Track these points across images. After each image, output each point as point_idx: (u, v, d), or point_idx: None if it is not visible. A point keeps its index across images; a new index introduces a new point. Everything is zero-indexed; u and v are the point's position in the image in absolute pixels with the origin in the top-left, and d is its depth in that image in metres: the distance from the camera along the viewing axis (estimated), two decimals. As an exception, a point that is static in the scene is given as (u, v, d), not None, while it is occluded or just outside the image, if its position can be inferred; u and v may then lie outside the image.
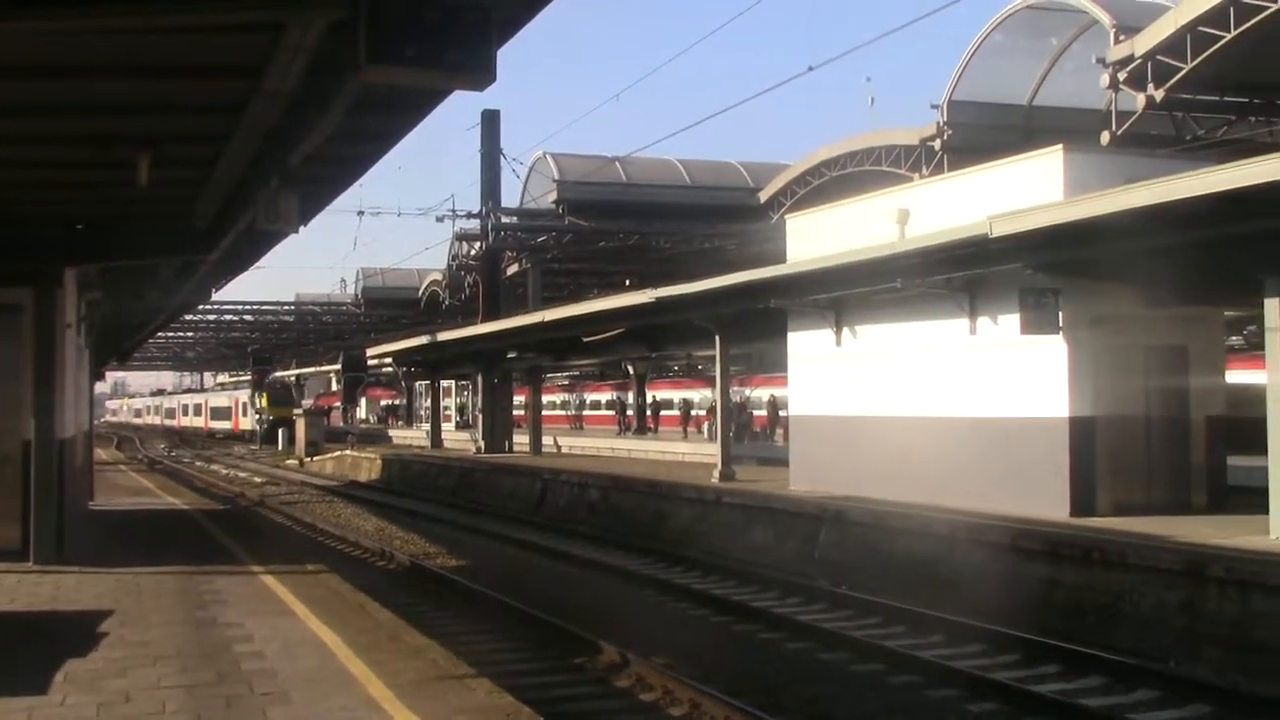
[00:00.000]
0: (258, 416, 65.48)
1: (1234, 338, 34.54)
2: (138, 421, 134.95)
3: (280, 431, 66.20)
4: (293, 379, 75.28)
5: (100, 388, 68.07)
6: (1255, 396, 15.60)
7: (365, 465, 43.74)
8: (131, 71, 8.28)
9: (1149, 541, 13.28)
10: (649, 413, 52.33)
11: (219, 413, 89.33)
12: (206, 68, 8.28)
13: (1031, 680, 10.96)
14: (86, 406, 26.08)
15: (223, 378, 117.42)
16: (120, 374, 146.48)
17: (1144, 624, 12.39)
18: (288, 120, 9.03)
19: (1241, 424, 17.69)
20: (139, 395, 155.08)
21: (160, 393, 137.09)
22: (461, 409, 69.83)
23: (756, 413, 44.54)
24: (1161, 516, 15.53)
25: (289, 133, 9.37)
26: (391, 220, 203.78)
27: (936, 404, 18.10)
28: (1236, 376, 22.58)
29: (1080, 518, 15.63)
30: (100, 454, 50.63)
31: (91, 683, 8.58)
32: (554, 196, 42.63)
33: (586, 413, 64.52)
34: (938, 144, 29.14)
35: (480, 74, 6.74)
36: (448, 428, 56.68)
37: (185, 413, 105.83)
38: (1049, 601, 13.51)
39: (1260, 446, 13.79)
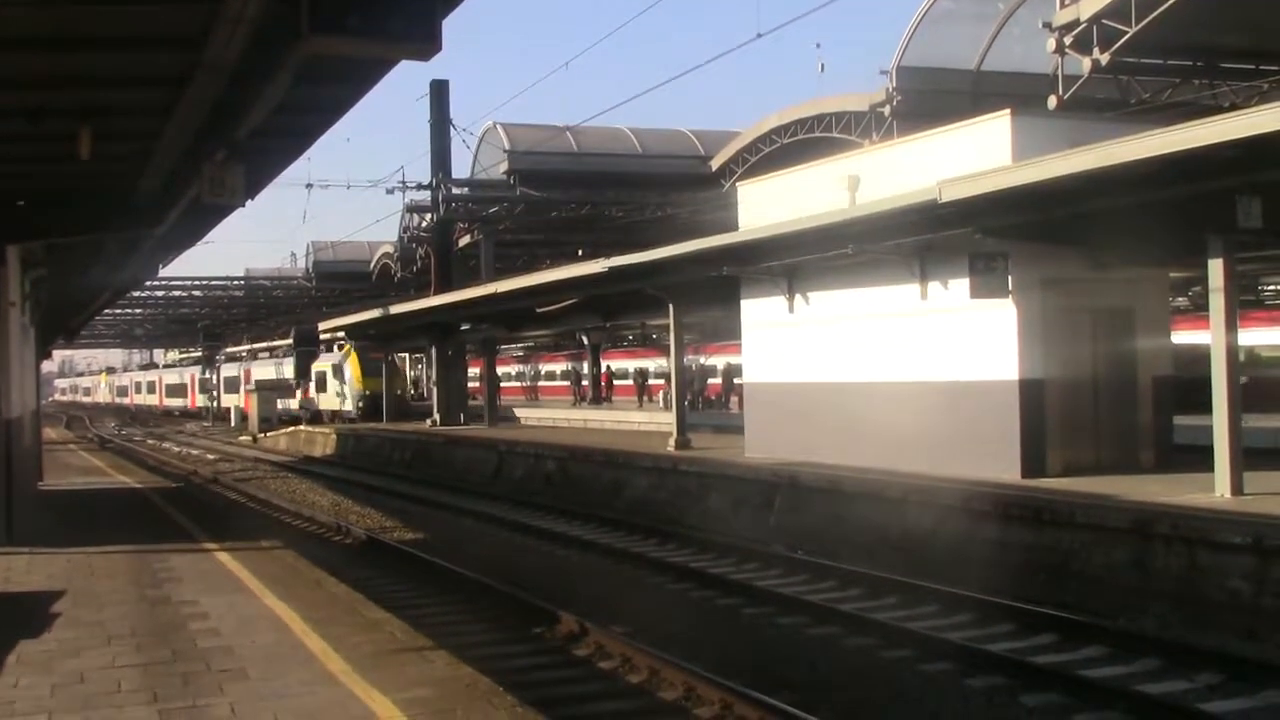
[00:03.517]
0: (361, 392, 48.42)
1: (1180, 299, 35.10)
2: (122, 402, 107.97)
3: (234, 409, 64.86)
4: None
5: (48, 366, 65.73)
6: (1201, 356, 15.84)
7: (320, 440, 43.49)
8: (64, 43, 8.13)
9: (1097, 501, 13.50)
10: (605, 382, 52.38)
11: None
12: (144, 39, 8.15)
13: (984, 640, 11.12)
14: (33, 386, 25.73)
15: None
16: (68, 352, 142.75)
17: (1093, 582, 12.60)
18: (232, 92, 8.92)
19: (1187, 384, 17.97)
20: (122, 369, 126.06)
21: (150, 366, 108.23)
22: (415, 382, 69.50)
23: (710, 381, 44.73)
24: (1110, 476, 15.77)
25: (234, 105, 9.26)
26: (341, 193, 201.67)
27: (889, 369, 18.24)
28: (1183, 337, 22.92)
29: (1031, 479, 15.83)
30: (49, 433, 50.03)
31: (45, 664, 8.51)
32: (505, 167, 42.38)
33: (542, 383, 64.45)
34: (887, 110, 29.18)
35: (425, 43, 6.69)
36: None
37: (205, 389, 74.96)
38: (1001, 562, 13.70)
39: (1205, 406, 14.00)
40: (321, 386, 54.53)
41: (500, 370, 52.37)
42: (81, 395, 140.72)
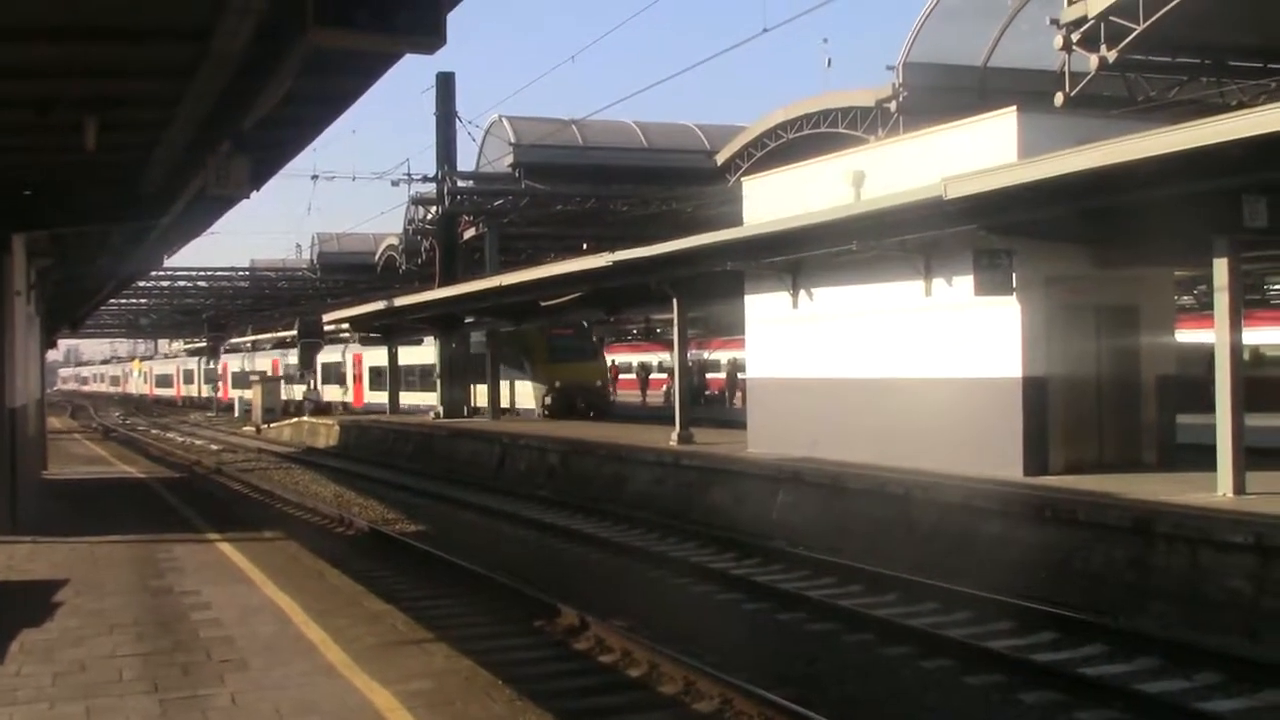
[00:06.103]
0: (550, 382, 36.85)
1: (1185, 297, 35.08)
2: (165, 394, 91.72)
3: (238, 399, 64.50)
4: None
5: (54, 355, 65.17)
6: (1206, 355, 15.82)
7: (323, 432, 43.53)
8: (72, 34, 8.14)
9: (1099, 499, 13.49)
10: (612, 377, 52.40)
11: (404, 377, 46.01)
12: (151, 31, 8.15)
13: (985, 637, 11.13)
14: (38, 375, 25.78)
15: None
16: (73, 341, 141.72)
17: (1094, 580, 12.60)
18: (238, 84, 8.91)
19: (1190, 382, 17.96)
20: (163, 356, 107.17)
21: (201, 352, 78.13)
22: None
23: (713, 376, 44.70)
24: (1113, 475, 15.75)
25: (240, 96, 9.25)
26: (346, 184, 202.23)
27: (892, 365, 18.23)
28: (1187, 336, 22.90)
29: (1034, 477, 15.82)
30: (54, 422, 50.10)
31: (47, 652, 8.54)
32: (510, 160, 42.35)
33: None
34: (893, 106, 29.13)
35: (430, 37, 6.69)
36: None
37: (327, 378, 57.75)
38: (1002, 559, 13.70)
39: (1209, 404, 13.99)
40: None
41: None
42: (106, 385, 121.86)
